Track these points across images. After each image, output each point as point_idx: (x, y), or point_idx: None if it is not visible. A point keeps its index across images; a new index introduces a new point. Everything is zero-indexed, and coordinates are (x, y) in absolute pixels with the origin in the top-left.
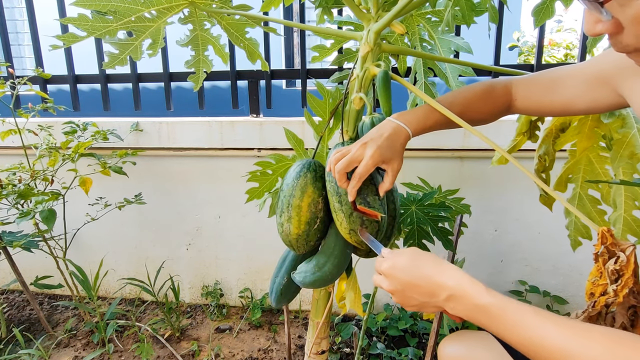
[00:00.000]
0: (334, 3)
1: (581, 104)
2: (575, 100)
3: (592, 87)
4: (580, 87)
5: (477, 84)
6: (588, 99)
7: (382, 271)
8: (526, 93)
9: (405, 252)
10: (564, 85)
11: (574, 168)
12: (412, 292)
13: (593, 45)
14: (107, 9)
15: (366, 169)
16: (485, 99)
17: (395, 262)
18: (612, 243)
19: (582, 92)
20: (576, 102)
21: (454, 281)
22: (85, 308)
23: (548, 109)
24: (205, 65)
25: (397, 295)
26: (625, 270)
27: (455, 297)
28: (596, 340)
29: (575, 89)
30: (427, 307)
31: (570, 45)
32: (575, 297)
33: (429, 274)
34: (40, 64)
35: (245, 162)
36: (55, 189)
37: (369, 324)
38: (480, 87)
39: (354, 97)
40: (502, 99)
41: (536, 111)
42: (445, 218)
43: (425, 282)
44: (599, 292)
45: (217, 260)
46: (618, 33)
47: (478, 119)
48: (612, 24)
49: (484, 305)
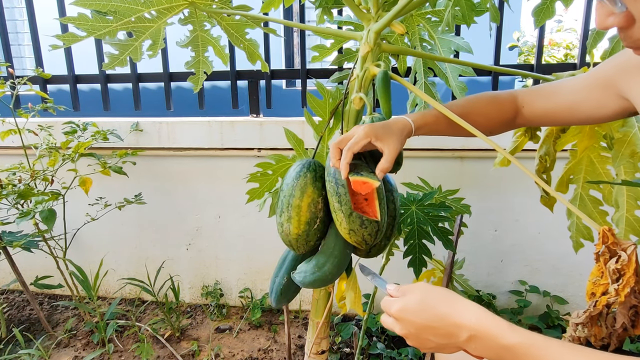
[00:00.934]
0: (334, 3)
1: (586, 108)
2: (581, 104)
3: (595, 91)
4: (583, 91)
5: (482, 93)
6: (593, 103)
7: (392, 314)
8: (531, 98)
9: (414, 289)
10: (567, 89)
11: (575, 168)
12: (428, 334)
13: (593, 45)
14: (107, 9)
15: (357, 141)
16: (490, 103)
17: (406, 304)
18: (613, 242)
19: (585, 96)
20: (581, 106)
21: (474, 320)
22: (85, 308)
23: (554, 114)
24: (205, 66)
25: (412, 339)
26: (627, 269)
27: (477, 337)
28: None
29: (578, 93)
30: (446, 348)
31: (570, 45)
32: (575, 297)
33: (444, 314)
34: (40, 64)
35: (245, 162)
36: (55, 189)
37: (369, 324)
38: (485, 94)
39: (354, 97)
40: (508, 105)
41: (543, 117)
42: (445, 218)
43: (442, 323)
44: (600, 291)
45: (217, 260)
46: (629, 27)
47: (485, 124)
48: (624, 17)
49: (510, 345)
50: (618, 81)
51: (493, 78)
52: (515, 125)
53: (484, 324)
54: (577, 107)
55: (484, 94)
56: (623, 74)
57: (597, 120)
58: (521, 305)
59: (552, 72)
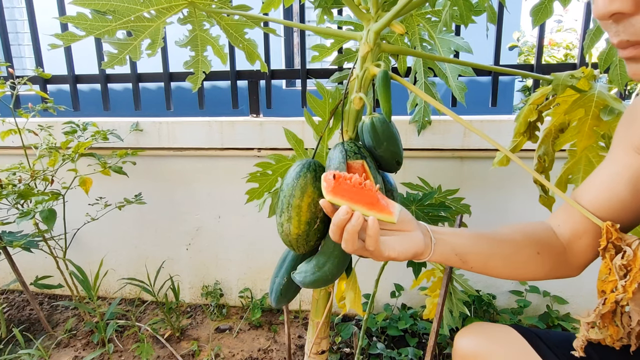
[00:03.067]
0: (334, 3)
1: (623, 175)
2: (616, 178)
3: (623, 155)
4: (610, 167)
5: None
6: (623, 165)
7: None
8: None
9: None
10: (593, 178)
11: (574, 168)
12: None
13: (590, 45)
14: (107, 8)
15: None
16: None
17: None
18: (617, 238)
19: (614, 169)
20: (618, 179)
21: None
22: (85, 308)
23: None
24: (204, 66)
25: None
26: (633, 264)
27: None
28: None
29: (606, 169)
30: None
31: (570, 45)
32: (575, 297)
33: None
34: (40, 64)
35: (245, 162)
36: (55, 189)
37: (369, 324)
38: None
39: (354, 97)
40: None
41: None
42: (445, 218)
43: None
44: (610, 288)
45: (217, 260)
46: (634, 14)
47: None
48: (631, 1)
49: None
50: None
51: (493, 78)
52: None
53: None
54: (616, 182)
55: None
56: (630, 129)
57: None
58: (521, 305)
59: (551, 72)
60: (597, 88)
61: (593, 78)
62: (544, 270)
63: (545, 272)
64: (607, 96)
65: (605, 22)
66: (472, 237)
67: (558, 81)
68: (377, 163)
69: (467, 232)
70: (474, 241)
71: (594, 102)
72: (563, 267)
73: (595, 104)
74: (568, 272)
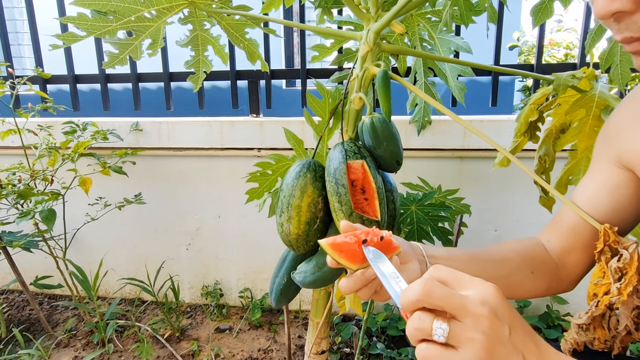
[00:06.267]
0: (334, 3)
1: (604, 195)
2: (597, 194)
3: (606, 168)
4: (591, 181)
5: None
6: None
7: (480, 311)
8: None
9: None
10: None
11: (574, 169)
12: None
13: (592, 45)
14: (107, 8)
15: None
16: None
17: (490, 295)
18: (614, 240)
19: (596, 184)
20: (599, 198)
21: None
22: (85, 308)
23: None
24: (205, 65)
25: (504, 344)
26: (629, 268)
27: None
28: None
29: (589, 184)
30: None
31: (570, 45)
32: (575, 297)
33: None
34: (40, 64)
35: (245, 162)
36: (55, 189)
37: (369, 324)
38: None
39: (354, 97)
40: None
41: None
42: (445, 218)
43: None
44: (602, 292)
45: (217, 260)
46: (635, 12)
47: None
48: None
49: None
50: (614, 149)
51: (493, 78)
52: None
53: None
54: (596, 200)
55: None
56: (617, 139)
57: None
58: (521, 305)
59: (552, 72)
60: (598, 88)
61: (594, 78)
62: (540, 289)
63: (541, 291)
64: (608, 96)
65: (607, 20)
66: (467, 259)
67: (559, 81)
68: (377, 163)
69: (461, 254)
70: (468, 264)
71: (595, 102)
72: (557, 283)
73: (596, 104)
74: (562, 288)
